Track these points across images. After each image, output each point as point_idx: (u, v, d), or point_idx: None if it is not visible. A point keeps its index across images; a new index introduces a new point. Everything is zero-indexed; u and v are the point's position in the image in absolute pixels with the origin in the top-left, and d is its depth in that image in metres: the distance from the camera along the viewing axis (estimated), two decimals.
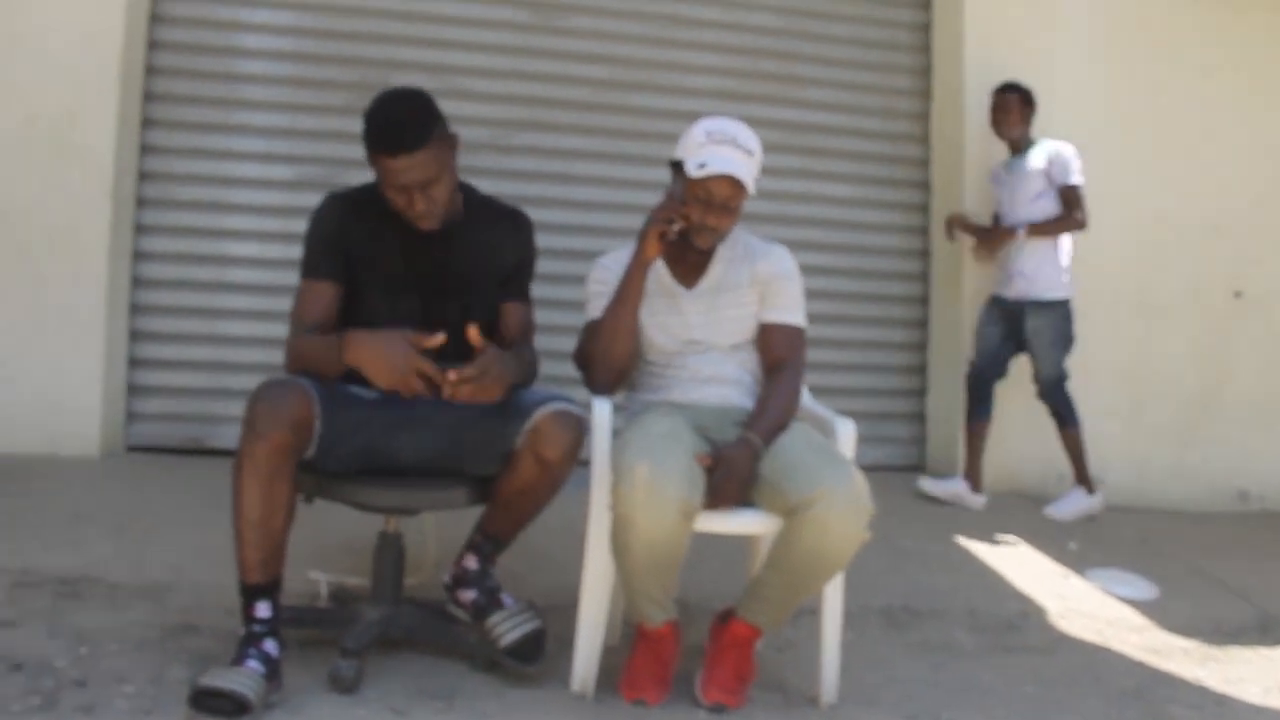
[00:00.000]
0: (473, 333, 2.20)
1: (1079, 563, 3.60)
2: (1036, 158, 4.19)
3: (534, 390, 2.39)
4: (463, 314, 2.33)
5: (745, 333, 2.54)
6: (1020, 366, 4.30)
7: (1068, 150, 4.16)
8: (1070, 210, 4.13)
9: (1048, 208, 4.17)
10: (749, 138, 2.46)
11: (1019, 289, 4.20)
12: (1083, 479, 4.22)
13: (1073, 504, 4.21)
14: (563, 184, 4.43)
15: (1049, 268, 4.17)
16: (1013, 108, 4.25)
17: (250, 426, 2.10)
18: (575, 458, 2.31)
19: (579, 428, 2.30)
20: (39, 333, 3.80)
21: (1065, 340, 4.20)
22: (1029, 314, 4.18)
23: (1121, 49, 4.67)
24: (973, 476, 4.24)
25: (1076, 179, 4.13)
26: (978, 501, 4.21)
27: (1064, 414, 4.19)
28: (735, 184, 2.40)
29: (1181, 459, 4.71)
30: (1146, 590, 3.42)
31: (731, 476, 2.24)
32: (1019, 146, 4.28)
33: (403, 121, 2.27)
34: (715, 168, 2.37)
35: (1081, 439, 4.20)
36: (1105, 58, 4.65)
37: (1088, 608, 3.22)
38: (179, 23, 4.16)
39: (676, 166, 2.48)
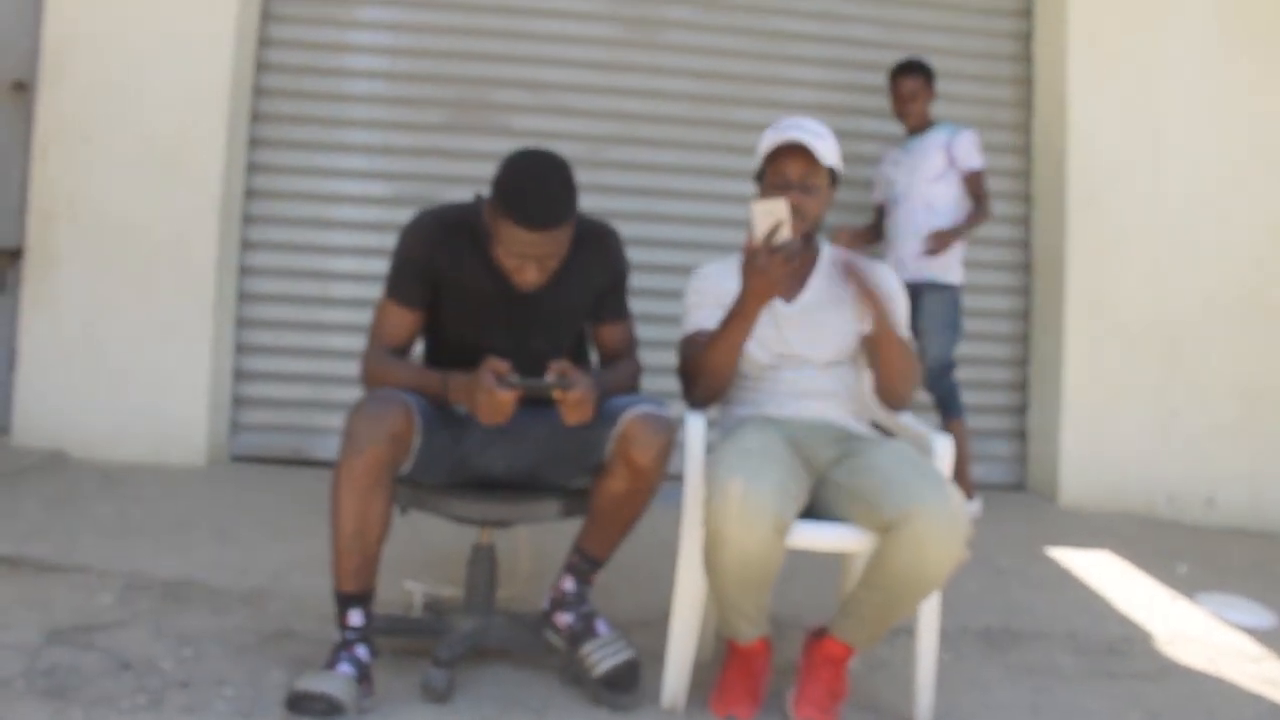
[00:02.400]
0: (554, 379, 2.16)
1: (1189, 587, 3.46)
2: (938, 136, 4.04)
3: (619, 398, 2.35)
4: (550, 345, 2.32)
5: (845, 350, 2.51)
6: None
7: (971, 133, 4.03)
8: (979, 201, 4.00)
9: (948, 191, 4.01)
10: (817, 125, 2.45)
11: (913, 270, 3.99)
12: (962, 478, 3.90)
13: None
14: (658, 199, 4.44)
15: (945, 252, 3.99)
16: (920, 91, 4.09)
17: (349, 440, 2.13)
18: (666, 462, 2.27)
19: (668, 430, 2.26)
20: (149, 345, 3.95)
21: (956, 327, 4.05)
22: (924, 295, 3.96)
23: (1236, 48, 4.49)
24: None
25: (980, 163, 4.00)
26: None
27: (950, 403, 4.02)
28: (807, 158, 2.38)
29: None
30: (1264, 618, 3.26)
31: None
32: (920, 127, 4.11)
33: (551, 197, 2.18)
34: (780, 137, 2.39)
35: (965, 431, 3.98)
36: (1219, 57, 4.47)
37: (1198, 634, 3.10)
38: (286, 45, 4.30)
39: (760, 179, 2.48)
